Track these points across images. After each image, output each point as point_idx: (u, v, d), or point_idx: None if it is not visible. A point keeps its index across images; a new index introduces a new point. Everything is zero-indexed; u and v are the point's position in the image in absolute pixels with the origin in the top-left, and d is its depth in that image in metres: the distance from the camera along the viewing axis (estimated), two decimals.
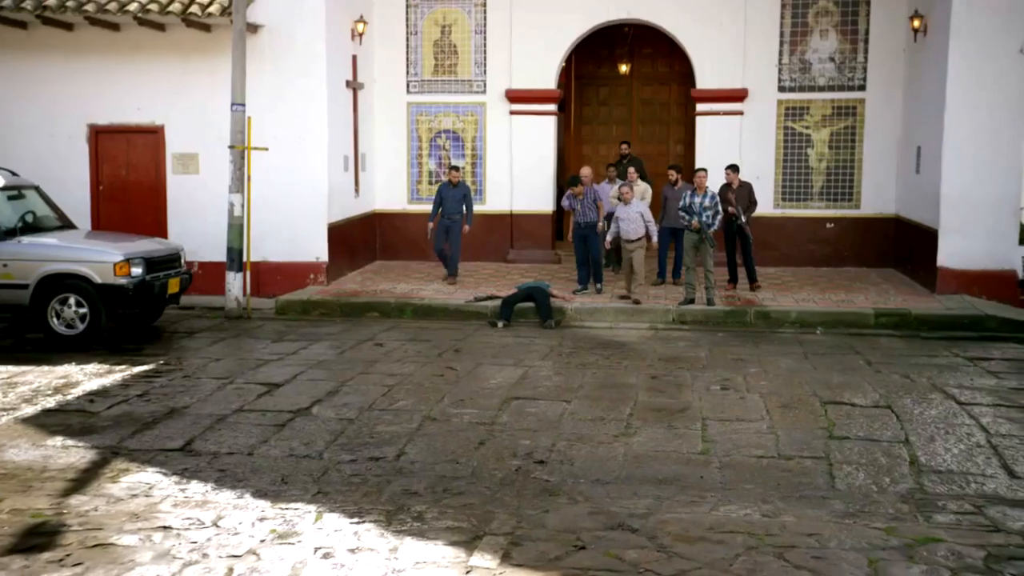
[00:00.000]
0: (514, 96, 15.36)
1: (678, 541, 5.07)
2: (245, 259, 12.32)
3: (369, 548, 4.97)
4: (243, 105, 12.03)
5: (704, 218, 11.84)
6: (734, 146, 14.84)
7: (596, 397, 8.16)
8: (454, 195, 13.61)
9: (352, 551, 4.93)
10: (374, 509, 5.53)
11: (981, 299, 12.34)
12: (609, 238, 12.61)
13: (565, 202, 13.19)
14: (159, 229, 13.35)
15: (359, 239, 15.03)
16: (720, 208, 12.03)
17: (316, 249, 13.44)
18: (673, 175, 13.40)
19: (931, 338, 10.88)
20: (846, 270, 14.78)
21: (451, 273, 13.74)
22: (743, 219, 12.77)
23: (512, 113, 15.44)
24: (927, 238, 13.11)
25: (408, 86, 15.64)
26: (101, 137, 13.57)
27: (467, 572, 4.68)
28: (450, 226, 13.63)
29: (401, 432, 7.09)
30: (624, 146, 15.28)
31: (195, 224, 13.27)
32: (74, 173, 13.48)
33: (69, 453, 6.55)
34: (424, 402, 7.92)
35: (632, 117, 18.16)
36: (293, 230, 13.28)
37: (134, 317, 10.99)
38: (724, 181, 13.01)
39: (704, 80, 15.08)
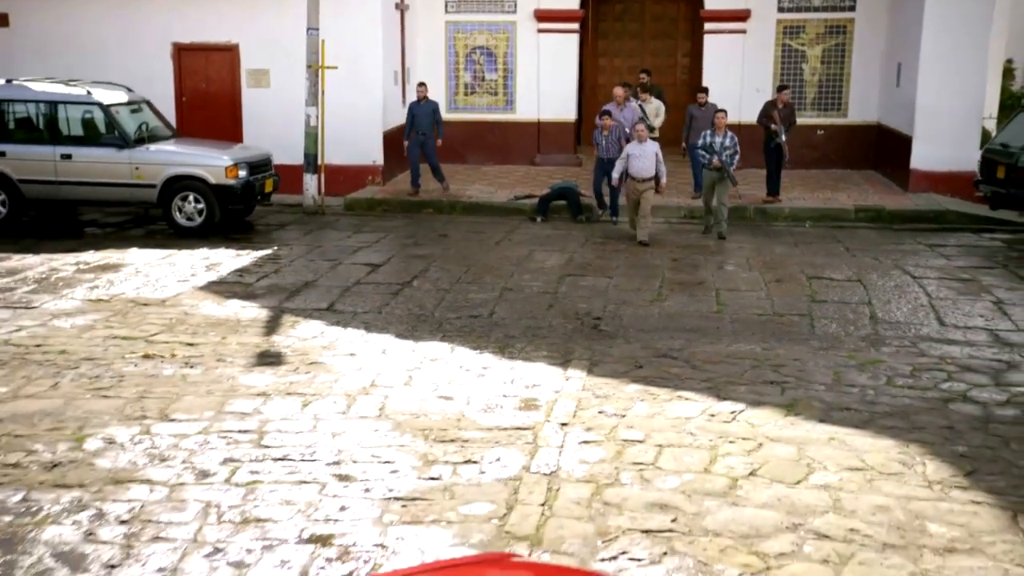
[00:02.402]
0: (542, 16, 17.17)
1: (705, 363, 7.36)
2: (319, 163, 14.37)
3: (494, 367, 7.25)
4: (317, 29, 13.90)
5: (724, 157, 12.21)
6: (737, 61, 16.81)
7: (631, 274, 10.40)
8: (424, 111, 14.39)
9: (484, 367, 7.21)
10: (488, 346, 7.80)
11: (946, 196, 14.52)
12: (616, 174, 12.36)
13: (597, 136, 13.30)
14: (236, 135, 15.35)
15: None
16: (739, 148, 12.39)
17: (374, 153, 15.49)
18: (703, 97, 14.37)
19: (901, 230, 13.09)
20: (833, 172, 16.90)
21: (440, 179, 14.59)
22: (783, 137, 13.76)
23: (540, 31, 17.28)
24: (903, 143, 15.19)
25: (447, 6, 17.41)
26: (183, 54, 15.45)
27: (567, 379, 6.96)
28: (424, 142, 14.40)
29: (488, 299, 9.33)
30: (644, 75, 15.37)
31: (267, 131, 15.19)
32: (159, 86, 15.33)
33: (248, 311, 8.79)
34: (499, 278, 10.14)
35: (644, 32, 19.92)
36: (354, 137, 15.26)
37: (237, 212, 13.08)
38: (770, 98, 14.26)
39: (712, 1, 16.89)
